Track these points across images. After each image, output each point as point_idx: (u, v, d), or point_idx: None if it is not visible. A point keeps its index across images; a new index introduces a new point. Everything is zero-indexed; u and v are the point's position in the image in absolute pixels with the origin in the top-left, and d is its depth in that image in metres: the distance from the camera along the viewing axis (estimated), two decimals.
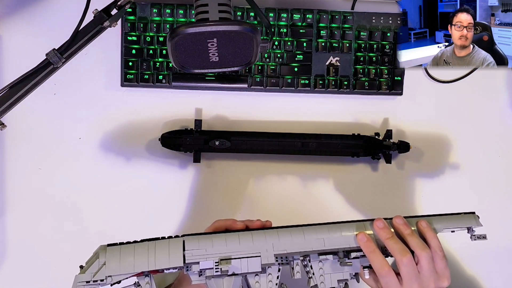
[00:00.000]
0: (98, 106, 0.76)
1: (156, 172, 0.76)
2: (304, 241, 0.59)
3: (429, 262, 0.58)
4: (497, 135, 0.81)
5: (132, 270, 0.55)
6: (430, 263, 0.58)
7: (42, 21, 0.75)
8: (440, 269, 0.59)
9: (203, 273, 0.57)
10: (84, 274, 0.55)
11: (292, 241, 0.59)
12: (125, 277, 0.55)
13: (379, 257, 0.58)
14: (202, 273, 0.57)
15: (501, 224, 0.81)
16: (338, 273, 0.60)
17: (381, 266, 0.58)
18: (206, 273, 0.57)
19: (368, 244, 0.59)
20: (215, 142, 0.72)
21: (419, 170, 0.80)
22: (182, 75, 0.74)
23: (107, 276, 0.55)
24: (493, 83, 0.81)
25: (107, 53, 0.75)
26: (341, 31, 0.76)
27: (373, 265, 0.58)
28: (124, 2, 0.60)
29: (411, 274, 0.57)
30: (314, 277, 0.59)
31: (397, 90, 0.77)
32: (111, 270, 0.55)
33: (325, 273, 0.60)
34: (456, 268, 0.80)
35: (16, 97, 0.58)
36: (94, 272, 0.55)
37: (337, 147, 0.75)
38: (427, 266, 0.58)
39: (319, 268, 0.60)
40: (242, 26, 0.52)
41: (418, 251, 0.58)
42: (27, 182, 0.75)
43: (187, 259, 0.56)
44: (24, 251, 0.75)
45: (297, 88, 0.76)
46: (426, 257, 0.58)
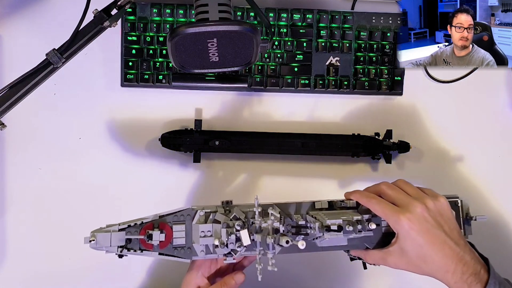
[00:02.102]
0: (98, 106, 0.76)
1: (156, 172, 0.76)
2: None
3: (410, 185, 0.59)
4: (497, 135, 0.81)
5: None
6: (412, 185, 0.59)
7: (42, 21, 0.75)
8: (429, 191, 0.59)
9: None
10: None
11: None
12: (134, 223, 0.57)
13: (366, 193, 0.59)
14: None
15: (501, 224, 0.81)
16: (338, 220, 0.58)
17: (369, 196, 0.58)
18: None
19: (362, 194, 0.59)
20: (215, 142, 0.72)
21: (419, 170, 0.80)
22: (182, 75, 0.74)
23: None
24: (493, 83, 0.81)
25: (107, 53, 0.75)
26: (341, 31, 0.76)
27: (364, 201, 0.58)
28: (124, 2, 0.60)
29: (395, 190, 0.58)
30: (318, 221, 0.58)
31: (397, 90, 0.77)
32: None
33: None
34: None
35: (16, 97, 0.58)
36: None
37: (337, 147, 0.75)
38: (411, 187, 0.58)
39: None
40: (242, 26, 0.52)
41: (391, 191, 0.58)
42: (27, 182, 0.75)
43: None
44: (24, 251, 0.75)
45: (297, 88, 0.76)
46: (403, 185, 0.59)
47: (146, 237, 0.56)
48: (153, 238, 0.56)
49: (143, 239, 0.56)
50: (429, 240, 0.54)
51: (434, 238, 0.54)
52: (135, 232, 0.57)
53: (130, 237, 0.56)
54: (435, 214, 0.55)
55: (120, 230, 0.57)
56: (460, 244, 0.54)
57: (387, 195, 0.58)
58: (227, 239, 0.57)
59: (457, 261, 0.53)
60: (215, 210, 0.59)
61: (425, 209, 0.55)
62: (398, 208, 0.55)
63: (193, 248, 0.58)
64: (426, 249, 0.54)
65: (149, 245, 0.57)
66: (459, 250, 0.54)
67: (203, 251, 0.58)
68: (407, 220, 0.54)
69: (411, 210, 0.54)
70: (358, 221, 0.57)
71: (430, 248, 0.53)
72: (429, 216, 0.55)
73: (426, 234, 0.54)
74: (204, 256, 0.58)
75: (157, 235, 0.56)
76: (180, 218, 0.59)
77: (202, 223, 0.58)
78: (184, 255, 0.58)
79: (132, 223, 0.57)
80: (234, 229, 0.56)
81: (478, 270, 0.53)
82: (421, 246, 0.54)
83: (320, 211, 0.61)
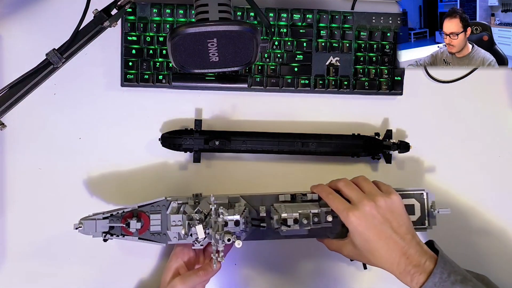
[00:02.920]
0: (98, 106, 0.76)
1: (156, 172, 0.76)
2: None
3: (368, 182, 0.64)
4: (497, 135, 0.81)
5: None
6: (369, 183, 0.64)
7: (42, 21, 0.75)
8: (385, 188, 0.63)
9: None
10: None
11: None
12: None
13: (327, 188, 0.65)
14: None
15: (501, 224, 0.81)
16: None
17: (328, 191, 0.64)
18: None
19: (323, 189, 0.65)
20: (215, 142, 0.72)
21: (419, 170, 0.80)
22: (182, 75, 0.74)
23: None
24: (493, 83, 0.81)
25: (107, 53, 0.75)
26: (341, 31, 0.76)
27: (323, 196, 0.64)
28: (124, 2, 0.60)
29: (350, 187, 0.63)
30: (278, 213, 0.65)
31: (397, 90, 0.77)
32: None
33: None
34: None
35: (16, 97, 0.58)
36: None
37: (337, 147, 0.75)
38: (367, 185, 0.63)
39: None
40: (242, 26, 0.52)
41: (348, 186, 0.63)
42: (27, 182, 0.75)
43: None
44: (24, 251, 0.75)
45: (297, 88, 0.76)
46: (361, 182, 0.64)
47: (125, 224, 0.65)
48: (130, 226, 0.64)
49: (124, 227, 0.65)
50: (375, 236, 0.59)
51: (380, 234, 0.59)
52: (117, 221, 0.65)
53: (113, 224, 0.65)
54: (384, 211, 0.60)
55: (104, 218, 0.65)
56: (406, 238, 0.59)
57: (343, 192, 0.63)
58: (189, 231, 0.64)
59: (401, 254, 0.58)
60: (186, 201, 0.66)
61: (373, 207, 0.60)
62: (348, 205, 0.61)
63: (167, 234, 0.66)
64: (373, 244, 0.59)
65: (129, 231, 0.65)
66: (404, 244, 0.58)
67: (176, 237, 0.66)
68: (354, 217, 0.59)
69: (359, 208, 0.60)
70: (315, 214, 0.64)
71: (376, 242, 0.59)
72: (377, 213, 0.59)
73: (372, 230, 0.59)
74: (177, 241, 0.66)
75: (134, 223, 0.64)
76: (156, 208, 0.67)
77: (175, 213, 0.66)
78: (160, 240, 0.67)
79: (114, 212, 0.66)
80: (195, 222, 0.62)
81: (422, 262, 0.57)
82: (367, 241, 0.59)
83: (282, 204, 0.66)
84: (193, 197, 0.68)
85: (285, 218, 0.63)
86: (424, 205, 0.69)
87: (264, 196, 0.68)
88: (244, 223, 0.63)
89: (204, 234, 0.61)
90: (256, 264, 0.78)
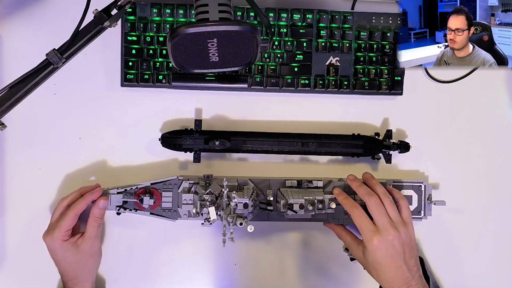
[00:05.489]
0: (98, 106, 0.76)
1: (156, 172, 0.76)
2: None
3: (392, 205, 0.66)
4: (497, 135, 0.81)
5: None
6: (392, 204, 0.66)
7: (42, 21, 0.75)
8: (405, 214, 0.67)
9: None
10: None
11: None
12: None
13: (351, 200, 0.68)
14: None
15: (501, 224, 0.81)
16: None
17: (352, 204, 0.67)
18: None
19: (348, 201, 0.68)
20: (215, 142, 0.72)
21: (419, 170, 0.80)
22: (182, 75, 0.74)
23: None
24: (493, 83, 0.81)
25: (107, 53, 0.75)
26: (341, 31, 0.76)
27: (347, 207, 0.67)
28: (124, 2, 0.60)
29: (379, 210, 0.65)
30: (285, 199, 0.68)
31: (397, 90, 0.77)
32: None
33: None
34: (455, 267, 0.80)
35: (16, 97, 0.58)
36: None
37: (337, 147, 0.75)
38: (392, 209, 0.66)
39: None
40: (242, 26, 0.52)
41: (366, 197, 0.66)
42: (27, 182, 0.75)
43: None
44: (24, 251, 0.75)
45: (297, 88, 0.76)
46: (388, 205, 0.66)
47: (138, 200, 0.69)
48: (143, 202, 0.69)
49: (137, 202, 0.69)
50: (388, 262, 0.63)
51: (392, 262, 0.63)
52: (130, 196, 0.70)
53: (126, 199, 0.69)
54: (403, 243, 0.64)
55: (118, 193, 0.70)
56: (412, 270, 0.64)
57: (371, 211, 0.65)
58: (201, 210, 0.68)
59: (404, 283, 0.63)
60: (197, 182, 0.71)
61: (396, 237, 0.63)
62: (373, 228, 0.64)
63: (178, 211, 0.71)
64: (383, 267, 0.63)
65: (142, 206, 0.70)
66: (409, 275, 0.63)
67: (186, 215, 0.71)
68: (377, 241, 0.63)
69: (383, 235, 0.63)
70: (320, 200, 0.67)
71: (387, 267, 0.63)
72: (398, 244, 0.63)
73: (388, 257, 0.63)
74: (187, 218, 0.71)
75: (147, 200, 0.69)
76: (168, 186, 0.72)
77: (186, 192, 0.71)
78: (170, 216, 0.71)
79: (128, 187, 0.71)
80: (207, 203, 0.66)
81: None
82: (379, 264, 0.63)
83: (289, 189, 0.71)
84: (203, 177, 0.71)
85: (291, 203, 0.67)
86: (422, 196, 0.75)
87: (271, 180, 0.73)
88: (252, 206, 0.66)
89: (216, 215, 0.63)
90: (256, 264, 0.78)
